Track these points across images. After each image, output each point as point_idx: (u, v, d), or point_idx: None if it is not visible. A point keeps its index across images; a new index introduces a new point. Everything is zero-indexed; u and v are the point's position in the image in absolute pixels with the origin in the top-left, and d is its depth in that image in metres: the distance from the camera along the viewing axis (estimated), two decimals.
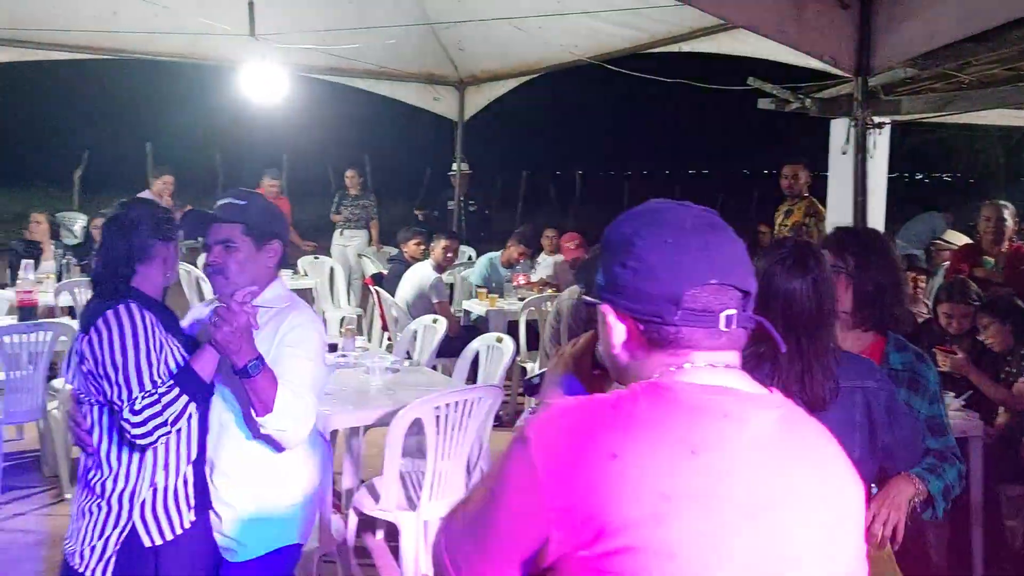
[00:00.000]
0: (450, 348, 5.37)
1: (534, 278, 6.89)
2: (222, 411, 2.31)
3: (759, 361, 1.75)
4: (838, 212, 4.51)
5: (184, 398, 2.16)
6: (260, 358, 2.13)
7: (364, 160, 17.35)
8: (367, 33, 7.17)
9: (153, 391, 2.12)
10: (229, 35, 6.63)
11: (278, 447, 2.26)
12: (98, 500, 2.20)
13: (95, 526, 2.19)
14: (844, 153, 4.09)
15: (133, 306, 2.18)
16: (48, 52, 7.74)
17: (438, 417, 3.31)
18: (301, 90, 8.45)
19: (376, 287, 6.61)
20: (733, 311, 1.12)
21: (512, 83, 8.82)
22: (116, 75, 13.24)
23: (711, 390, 1.09)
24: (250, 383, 2.12)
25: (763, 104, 5.15)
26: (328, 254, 8.91)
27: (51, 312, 5.82)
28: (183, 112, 17.38)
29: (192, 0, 6.94)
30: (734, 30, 5.58)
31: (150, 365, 2.15)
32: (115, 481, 2.20)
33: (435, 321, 5.16)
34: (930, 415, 2.20)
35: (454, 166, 9.79)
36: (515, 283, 6.66)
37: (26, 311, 4.97)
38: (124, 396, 2.11)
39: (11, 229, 13.95)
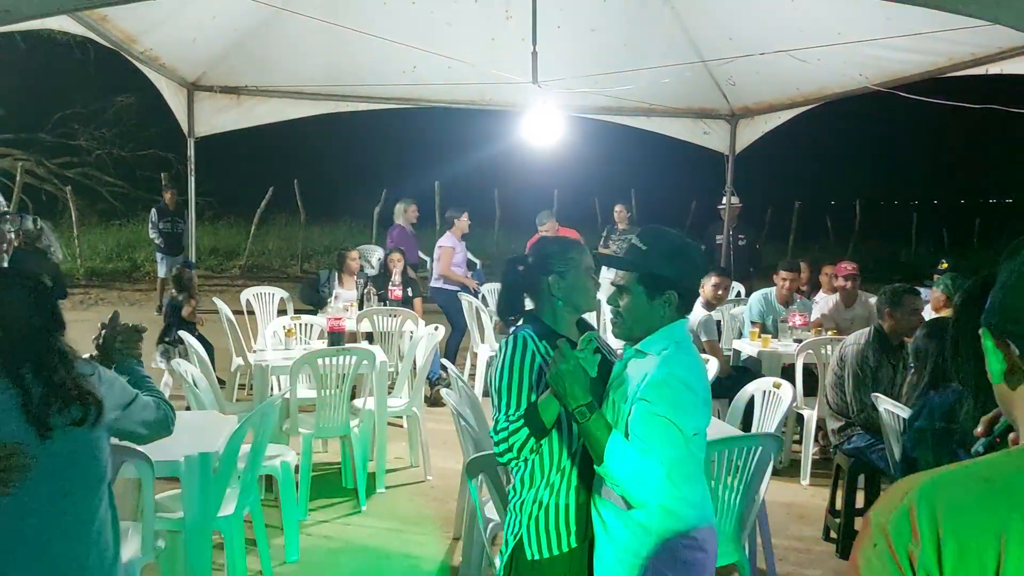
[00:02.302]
0: (719, 389, 5.24)
1: (812, 318, 6.53)
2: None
3: None
4: None
5: (525, 431, 2.21)
6: (589, 405, 2.08)
7: (631, 194, 17.53)
8: (640, 74, 7.29)
9: (507, 416, 2.26)
10: (514, 83, 7.04)
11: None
12: (511, 505, 2.40)
13: (506, 528, 2.41)
14: None
15: (526, 335, 2.36)
16: (358, 104, 8.75)
17: (712, 463, 3.24)
18: (573, 129, 8.77)
19: None
20: None
21: (788, 114, 8.54)
22: (413, 122, 14.58)
23: None
24: (580, 429, 2.12)
25: None
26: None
27: (353, 338, 6.47)
28: (468, 153, 18.69)
29: (483, 52, 7.50)
30: None
31: (512, 392, 2.28)
32: (513, 490, 2.39)
33: (706, 362, 5.08)
34: None
35: (723, 199, 9.62)
36: (791, 323, 6.35)
37: (335, 336, 5.57)
38: (496, 412, 2.31)
39: (321, 260, 15.76)
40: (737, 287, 8.99)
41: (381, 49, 7.15)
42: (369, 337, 6.64)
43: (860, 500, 4.49)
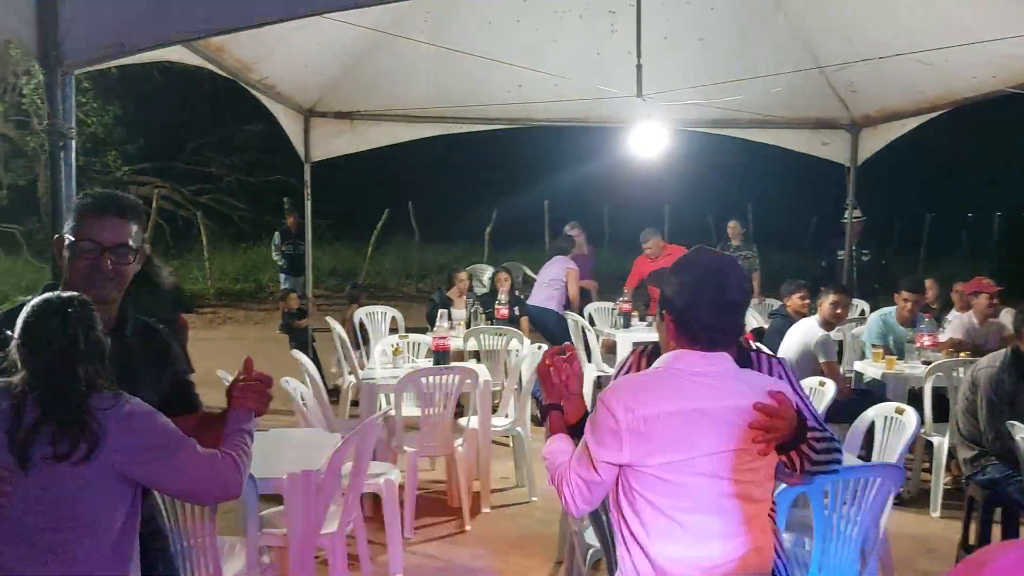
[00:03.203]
0: (838, 413, 4.96)
1: (942, 338, 6.10)
2: None
3: None
4: None
5: None
6: None
7: (746, 209, 17.05)
8: (751, 83, 7.05)
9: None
10: (618, 97, 6.95)
11: None
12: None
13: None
14: None
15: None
16: (465, 124, 8.87)
17: (825, 492, 3.04)
18: (683, 142, 8.58)
19: (757, 343, 6.36)
20: None
21: (914, 121, 8.06)
22: (520, 141, 14.69)
23: None
24: None
25: None
26: None
27: (460, 356, 6.50)
28: (576, 171, 18.65)
29: (588, 67, 7.45)
30: None
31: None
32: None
33: (822, 384, 4.81)
34: None
35: (845, 213, 9.19)
36: (918, 343, 5.95)
37: (440, 355, 5.60)
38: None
39: (435, 279, 16.05)
40: (861, 305, 8.54)
41: (487, 69, 7.20)
42: (476, 356, 6.65)
43: (996, 534, 4.13)
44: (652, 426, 1.88)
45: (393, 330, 7.90)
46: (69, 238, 2.26)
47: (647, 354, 2.40)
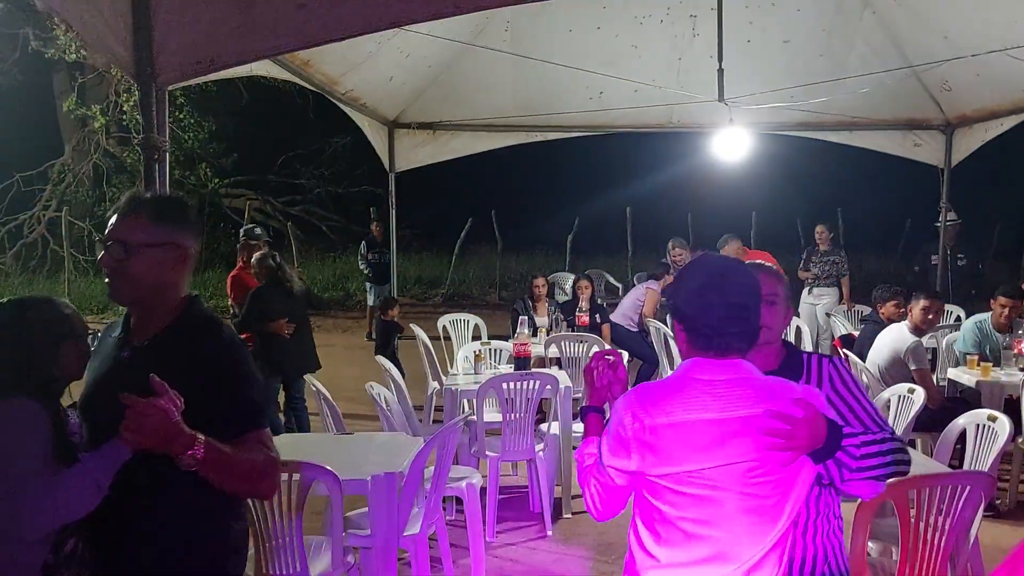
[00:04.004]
0: (930, 421, 4.80)
1: None
2: None
3: None
4: None
5: None
6: None
7: (836, 214, 16.57)
8: (839, 85, 6.90)
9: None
10: (699, 102, 6.90)
11: None
12: None
13: None
14: None
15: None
16: (547, 133, 8.93)
17: (912, 500, 2.96)
18: (768, 146, 8.43)
19: (845, 350, 6.21)
20: None
21: (1012, 120, 7.72)
22: (601, 148, 14.68)
23: None
24: None
25: None
26: (796, 313, 8.64)
27: (542, 363, 6.54)
28: (658, 177, 18.48)
29: (669, 73, 7.42)
30: None
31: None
32: None
33: (911, 391, 4.66)
34: None
35: (940, 216, 8.86)
36: (1015, 350, 5.71)
37: (521, 361, 5.66)
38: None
39: (518, 288, 16.16)
40: (956, 312, 8.22)
41: (568, 76, 7.25)
42: (558, 362, 6.68)
43: None
44: (659, 436, 1.84)
45: (476, 338, 8.00)
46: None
47: None
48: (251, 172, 20.41)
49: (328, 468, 3.30)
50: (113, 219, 2.14)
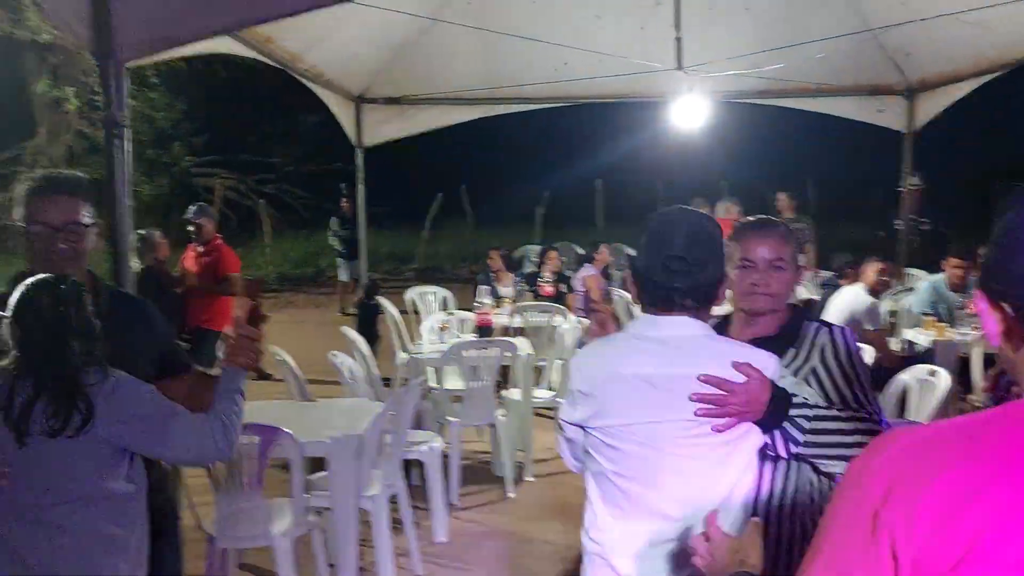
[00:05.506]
0: (882, 382, 4.92)
1: None
2: None
3: None
4: None
5: None
6: None
7: (804, 182, 16.71)
8: (798, 50, 6.95)
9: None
10: (659, 71, 6.94)
11: None
12: None
13: None
14: None
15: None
16: (511, 105, 8.94)
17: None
18: (731, 115, 8.48)
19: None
20: None
21: (972, 83, 7.80)
22: (570, 120, 14.69)
23: None
24: None
25: None
26: None
27: (506, 332, 6.62)
28: (623, 148, 18.52)
29: (631, 43, 7.44)
30: None
31: None
32: None
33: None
34: None
35: (902, 181, 8.99)
36: (969, 309, 5.85)
37: (483, 330, 5.74)
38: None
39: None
40: (921, 275, 8.37)
41: (532, 49, 7.25)
42: (522, 332, 6.76)
43: None
44: (596, 388, 1.85)
45: (444, 310, 8.06)
46: (20, 224, 2.24)
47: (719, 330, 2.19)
48: (223, 151, 20.26)
49: (287, 430, 3.36)
50: (43, 200, 2.23)
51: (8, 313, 2.07)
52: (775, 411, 1.78)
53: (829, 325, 2.14)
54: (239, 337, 2.26)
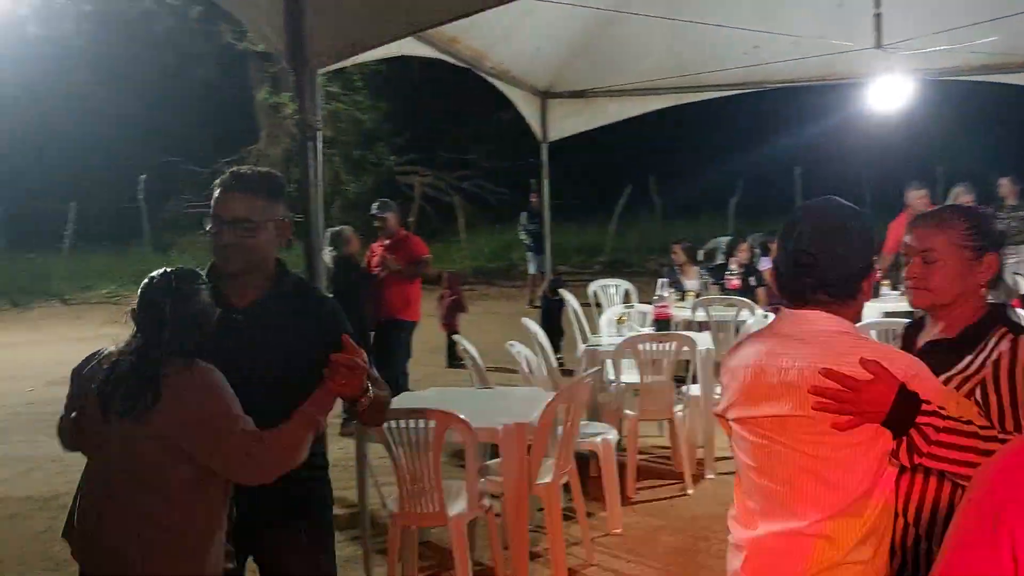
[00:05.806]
0: None
1: None
2: None
3: None
4: None
5: None
6: None
7: None
8: (1014, 21, 6.29)
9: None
10: (856, 51, 6.54)
11: None
12: None
13: None
14: None
15: None
16: (701, 93, 8.73)
17: None
18: (940, 94, 7.81)
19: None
20: None
21: None
22: (760, 106, 14.15)
23: None
24: None
25: None
26: None
27: (689, 326, 6.49)
28: (823, 133, 17.53)
29: (826, 22, 7.05)
30: None
31: None
32: None
33: None
34: None
35: None
36: None
37: (661, 323, 5.68)
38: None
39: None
40: None
41: (720, 34, 7.04)
42: (706, 326, 6.61)
43: None
44: (732, 379, 1.88)
45: (627, 303, 8.05)
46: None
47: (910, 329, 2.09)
48: (422, 150, 21.26)
49: (461, 416, 3.51)
50: (222, 195, 2.32)
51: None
52: (900, 416, 1.65)
53: (1018, 331, 1.86)
54: (345, 364, 2.14)
